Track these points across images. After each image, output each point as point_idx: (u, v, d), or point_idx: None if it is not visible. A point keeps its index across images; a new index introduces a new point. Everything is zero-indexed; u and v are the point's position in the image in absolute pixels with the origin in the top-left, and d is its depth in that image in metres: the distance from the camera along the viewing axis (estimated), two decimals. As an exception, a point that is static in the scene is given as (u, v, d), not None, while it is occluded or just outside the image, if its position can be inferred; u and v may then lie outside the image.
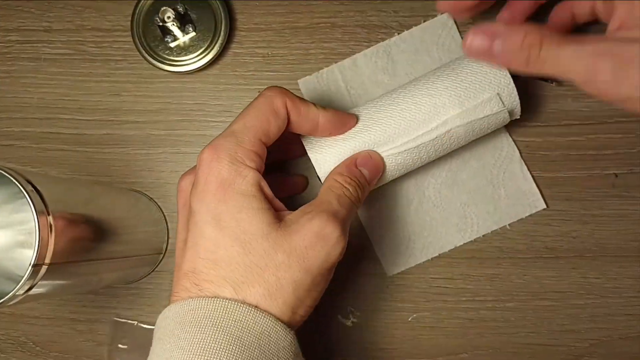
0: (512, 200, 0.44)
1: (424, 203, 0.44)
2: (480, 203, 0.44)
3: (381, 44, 0.45)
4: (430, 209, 0.44)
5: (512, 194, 0.44)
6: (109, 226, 0.38)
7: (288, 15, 0.46)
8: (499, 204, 0.44)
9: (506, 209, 0.44)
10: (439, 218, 0.44)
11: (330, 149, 0.38)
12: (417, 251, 0.44)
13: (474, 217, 0.44)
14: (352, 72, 0.45)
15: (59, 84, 0.47)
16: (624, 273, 0.43)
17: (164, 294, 0.45)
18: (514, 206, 0.44)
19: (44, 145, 0.47)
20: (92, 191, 0.40)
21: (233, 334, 0.30)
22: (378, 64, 0.45)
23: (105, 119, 0.47)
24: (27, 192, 0.29)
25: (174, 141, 0.46)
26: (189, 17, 0.45)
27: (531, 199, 0.44)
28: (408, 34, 0.45)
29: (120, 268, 0.42)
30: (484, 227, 0.44)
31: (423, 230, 0.44)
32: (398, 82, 0.44)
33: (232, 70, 0.46)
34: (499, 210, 0.44)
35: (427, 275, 0.44)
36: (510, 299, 0.44)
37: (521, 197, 0.44)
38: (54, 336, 0.46)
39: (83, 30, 0.47)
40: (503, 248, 0.44)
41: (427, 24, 0.45)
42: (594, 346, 0.43)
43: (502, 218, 0.44)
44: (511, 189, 0.44)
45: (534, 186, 0.44)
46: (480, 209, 0.44)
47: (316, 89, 0.45)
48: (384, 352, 0.44)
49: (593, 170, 0.44)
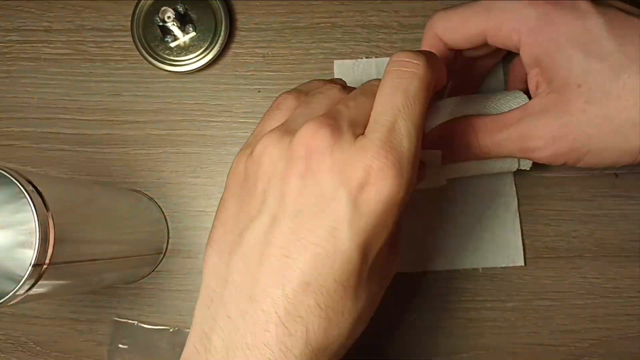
0: (493, 247, 0.43)
1: (412, 217, 0.44)
2: (463, 238, 0.44)
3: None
4: (417, 226, 0.44)
5: (495, 241, 0.43)
6: (109, 226, 0.39)
7: (288, 15, 0.46)
8: (479, 245, 0.44)
9: (484, 254, 0.43)
10: (420, 237, 0.44)
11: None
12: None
13: (452, 249, 0.44)
14: None
15: (59, 84, 0.47)
16: (624, 273, 0.43)
17: (164, 294, 0.46)
18: (493, 253, 0.43)
19: (44, 145, 0.47)
20: (92, 191, 0.40)
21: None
22: None
23: (106, 119, 0.47)
24: (27, 192, 0.29)
25: (174, 141, 0.46)
26: (189, 17, 0.45)
27: (512, 252, 0.43)
28: None
29: (121, 268, 0.42)
30: (458, 262, 0.44)
31: (414, 241, 0.44)
32: None
33: (233, 70, 0.46)
34: (478, 252, 0.43)
35: (427, 275, 0.44)
36: (510, 299, 0.44)
37: (503, 247, 0.43)
38: (54, 336, 0.46)
39: (83, 30, 0.47)
40: (503, 248, 0.44)
41: None
42: (594, 346, 0.43)
43: (476, 260, 0.43)
44: (497, 236, 0.43)
45: (519, 240, 0.43)
46: (459, 244, 0.44)
47: (349, 74, 0.45)
48: (383, 351, 0.44)
49: (593, 170, 0.44)
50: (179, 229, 0.46)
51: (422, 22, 0.45)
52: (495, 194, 0.44)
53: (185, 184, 0.46)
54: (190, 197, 0.46)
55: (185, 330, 0.45)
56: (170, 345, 0.44)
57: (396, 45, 0.45)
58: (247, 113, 0.46)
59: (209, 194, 0.46)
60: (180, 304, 0.45)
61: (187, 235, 0.46)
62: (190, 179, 0.46)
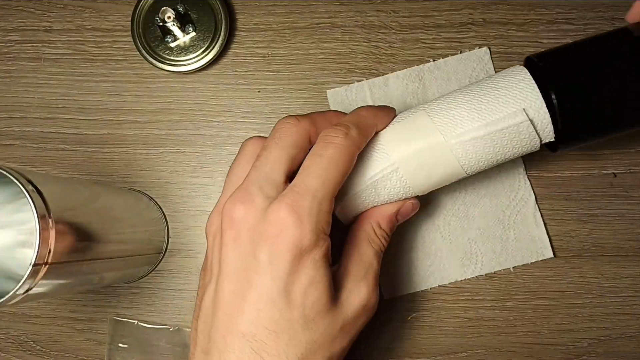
0: (521, 244, 0.43)
1: (432, 232, 0.44)
2: (488, 242, 0.44)
3: (415, 67, 0.45)
4: (437, 239, 0.44)
5: (521, 238, 0.43)
6: (109, 225, 0.39)
7: (288, 15, 0.46)
8: (506, 245, 0.43)
9: (513, 252, 0.43)
10: (445, 249, 0.44)
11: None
12: (418, 278, 0.44)
13: (480, 254, 0.44)
14: (382, 91, 0.45)
15: (59, 83, 0.47)
16: (623, 272, 0.43)
17: (164, 293, 0.46)
18: (521, 250, 0.43)
19: (44, 145, 0.47)
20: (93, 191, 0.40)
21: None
22: (409, 87, 0.45)
23: (106, 118, 0.47)
24: (27, 192, 0.29)
25: (174, 141, 0.46)
26: (189, 17, 0.45)
27: (540, 246, 0.43)
28: (443, 62, 0.45)
29: (121, 267, 0.42)
30: (488, 267, 0.43)
31: (427, 259, 0.44)
32: None
33: (232, 70, 0.46)
34: (505, 252, 0.43)
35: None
36: (508, 298, 0.44)
37: (530, 242, 0.43)
38: (54, 335, 0.46)
39: (83, 30, 0.47)
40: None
41: (463, 56, 0.45)
42: (593, 345, 0.43)
43: (507, 260, 0.43)
44: (521, 232, 0.43)
45: (544, 233, 0.43)
46: (487, 248, 0.44)
47: (344, 101, 0.45)
48: (382, 351, 0.44)
49: (592, 169, 0.44)
50: (178, 228, 0.46)
51: (421, 23, 0.45)
52: (510, 191, 0.44)
53: (185, 183, 0.46)
54: (190, 196, 0.46)
55: (184, 329, 0.45)
56: (170, 344, 0.45)
57: (395, 46, 0.45)
58: (247, 113, 0.46)
59: (209, 194, 0.46)
60: (180, 303, 0.45)
61: (187, 235, 0.46)
62: (190, 179, 0.46)
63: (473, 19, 0.45)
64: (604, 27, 0.44)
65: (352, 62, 0.46)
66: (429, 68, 0.45)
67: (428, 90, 0.45)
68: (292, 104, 0.46)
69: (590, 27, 0.44)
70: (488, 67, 0.45)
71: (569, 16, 0.45)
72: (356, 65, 0.46)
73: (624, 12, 0.43)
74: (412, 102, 0.45)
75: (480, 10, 0.45)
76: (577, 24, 0.44)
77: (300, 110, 0.46)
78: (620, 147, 0.44)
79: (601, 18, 0.44)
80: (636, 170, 0.44)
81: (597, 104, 0.34)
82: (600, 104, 0.34)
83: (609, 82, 0.34)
